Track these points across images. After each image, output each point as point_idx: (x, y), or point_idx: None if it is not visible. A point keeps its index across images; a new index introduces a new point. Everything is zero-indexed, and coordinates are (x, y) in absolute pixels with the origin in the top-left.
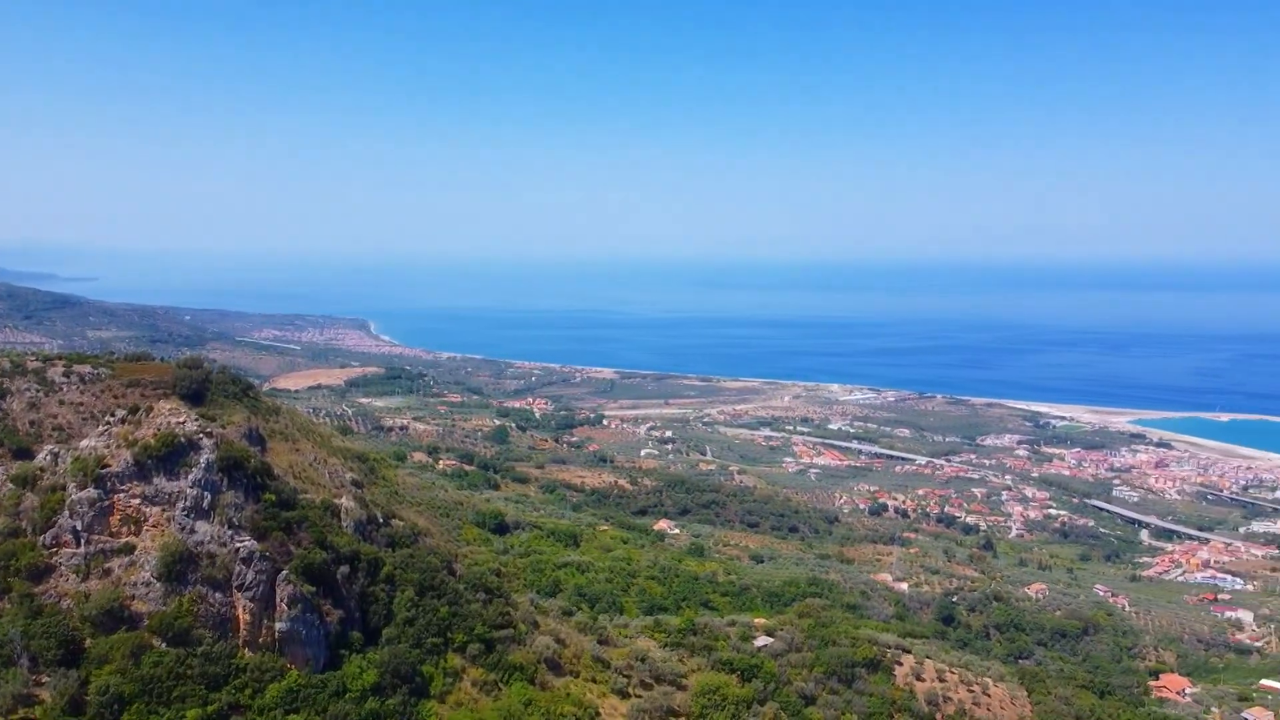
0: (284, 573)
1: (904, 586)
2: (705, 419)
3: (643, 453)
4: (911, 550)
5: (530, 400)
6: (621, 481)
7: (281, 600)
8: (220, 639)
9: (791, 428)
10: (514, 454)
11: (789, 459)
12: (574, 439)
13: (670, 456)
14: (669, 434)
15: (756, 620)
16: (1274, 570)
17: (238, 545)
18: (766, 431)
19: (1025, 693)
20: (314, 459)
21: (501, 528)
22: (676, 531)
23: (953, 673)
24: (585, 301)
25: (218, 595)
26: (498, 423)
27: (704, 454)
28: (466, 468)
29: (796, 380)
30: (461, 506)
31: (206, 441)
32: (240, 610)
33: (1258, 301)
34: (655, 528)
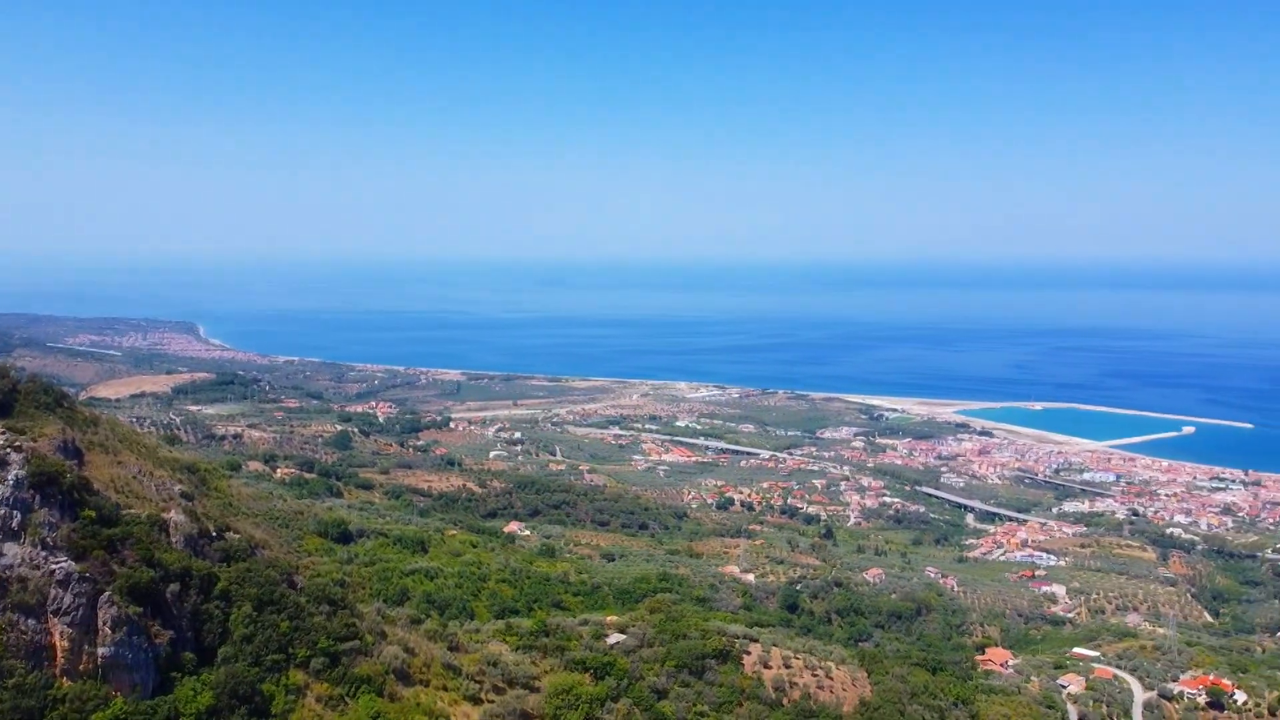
0: (106, 594)
1: (751, 577)
2: (554, 419)
3: (491, 455)
4: (757, 542)
5: (374, 404)
6: (470, 484)
7: (104, 623)
8: (35, 669)
9: (640, 426)
10: (357, 460)
11: (638, 457)
12: (420, 443)
13: (520, 458)
14: (518, 435)
15: (608, 618)
16: (1083, 547)
17: (53, 567)
18: (616, 430)
19: (865, 674)
20: (138, 471)
21: (345, 536)
22: (527, 533)
23: (798, 658)
24: (431, 303)
25: (31, 622)
26: (339, 428)
27: (554, 454)
28: (306, 476)
29: (645, 379)
30: (302, 516)
31: (15, 456)
32: (57, 637)
33: (1065, 299)
34: (506, 530)
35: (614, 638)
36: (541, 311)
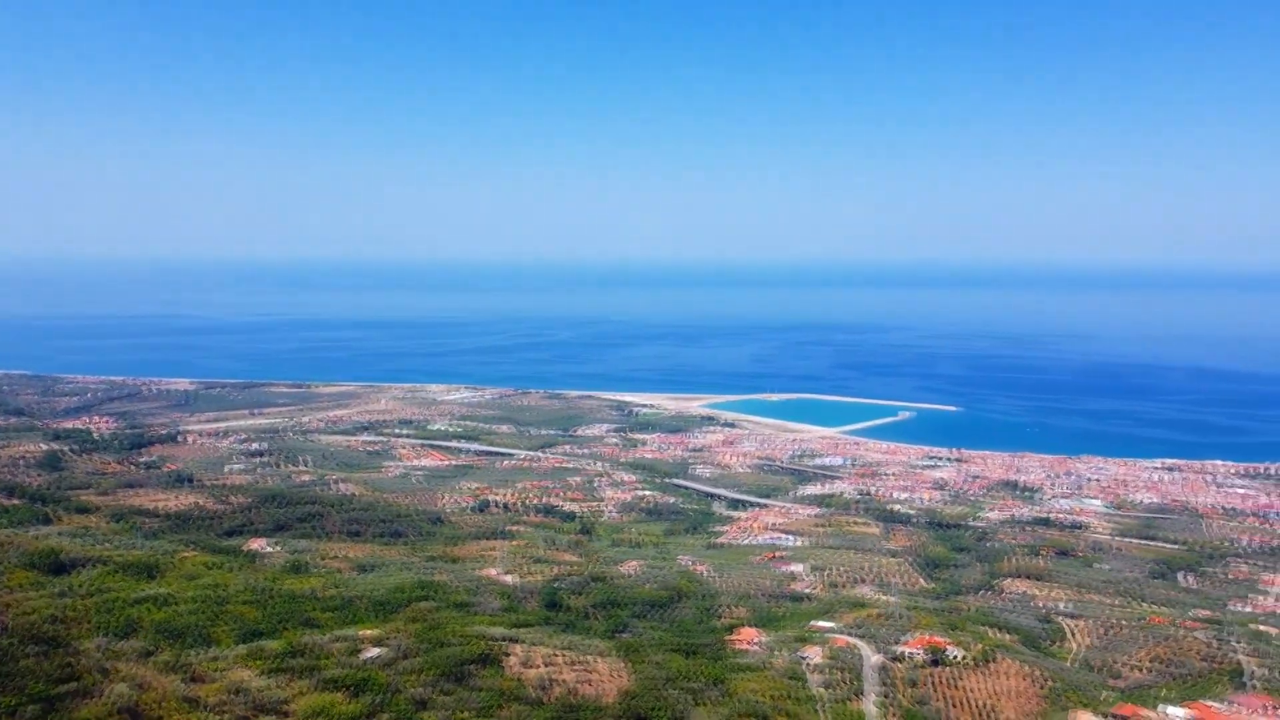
0: None
1: (511, 579)
2: (300, 427)
3: (230, 468)
4: (517, 543)
5: (91, 419)
6: (206, 501)
7: None
8: None
9: (393, 431)
10: (72, 481)
11: (391, 463)
12: (148, 459)
13: (262, 470)
14: (260, 446)
15: (364, 632)
16: (820, 526)
17: None
18: (367, 436)
19: (626, 664)
20: None
21: (59, 567)
22: (273, 549)
23: (560, 655)
24: (159, 306)
25: None
26: (48, 447)
27: (300, 464)
28: (8, 502)
29: (397, 382)
30: (5, 548)
31: None
32: None
33: (800, 297)
34: (248, 548)
35: (371, 651)
36: (286, 314)
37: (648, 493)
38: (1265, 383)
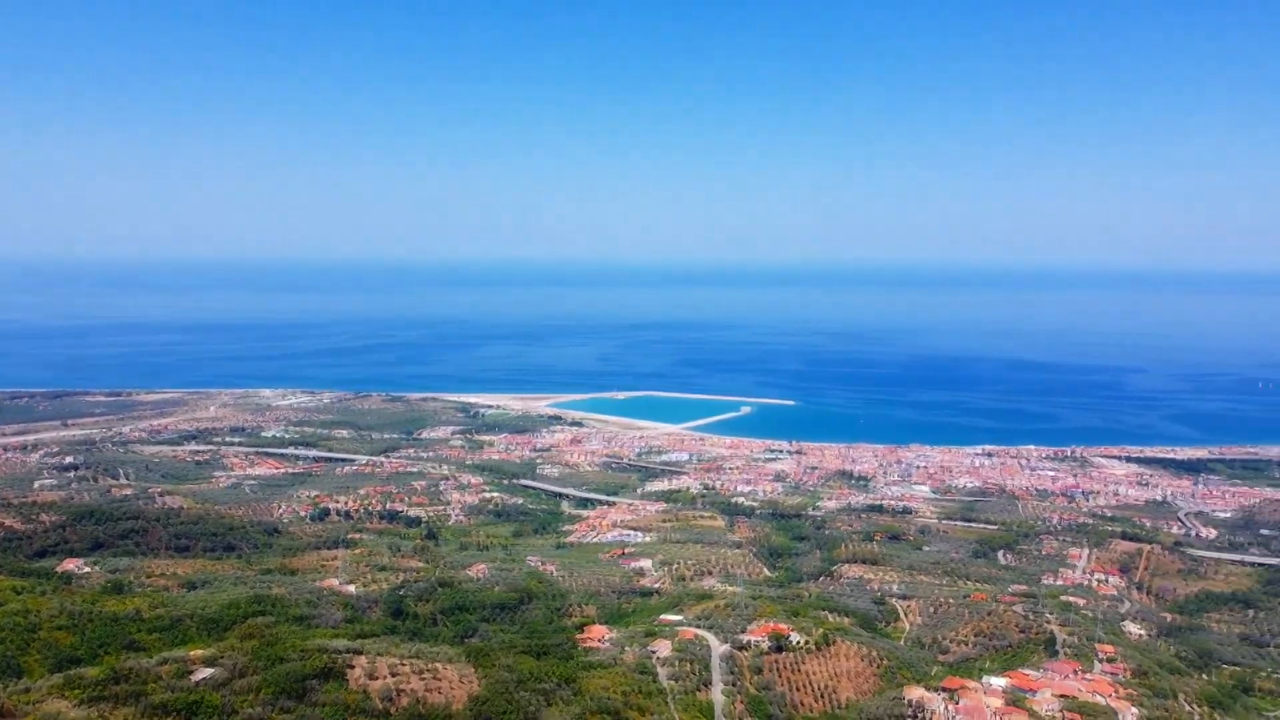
0: None
1: (353, 588)
2: (119, 438)
3: (38, 484)
4: (358, 551)
5: None
6: (12, 521)
7: None
8: None
9: (222, 439)
10: None
11: (221, 473)
12: None
13: (76, 485)
14: (72, 459)
15: (194, 652)
16: (665, 521)
17: None
18: (194, 445)
19: (474, 669)
20: None
21: None
22: (89, 570)
23: (406, 664)
24: None
25: None
26: None
27: (119, 478)
28: None
29: (226, 388)
30: None
31: None
32: None
33: (643, 295)
34: (61, 569)
35: (201, 673)
36: (104, 317)
37: (494, 494)
38: (1071, 372)
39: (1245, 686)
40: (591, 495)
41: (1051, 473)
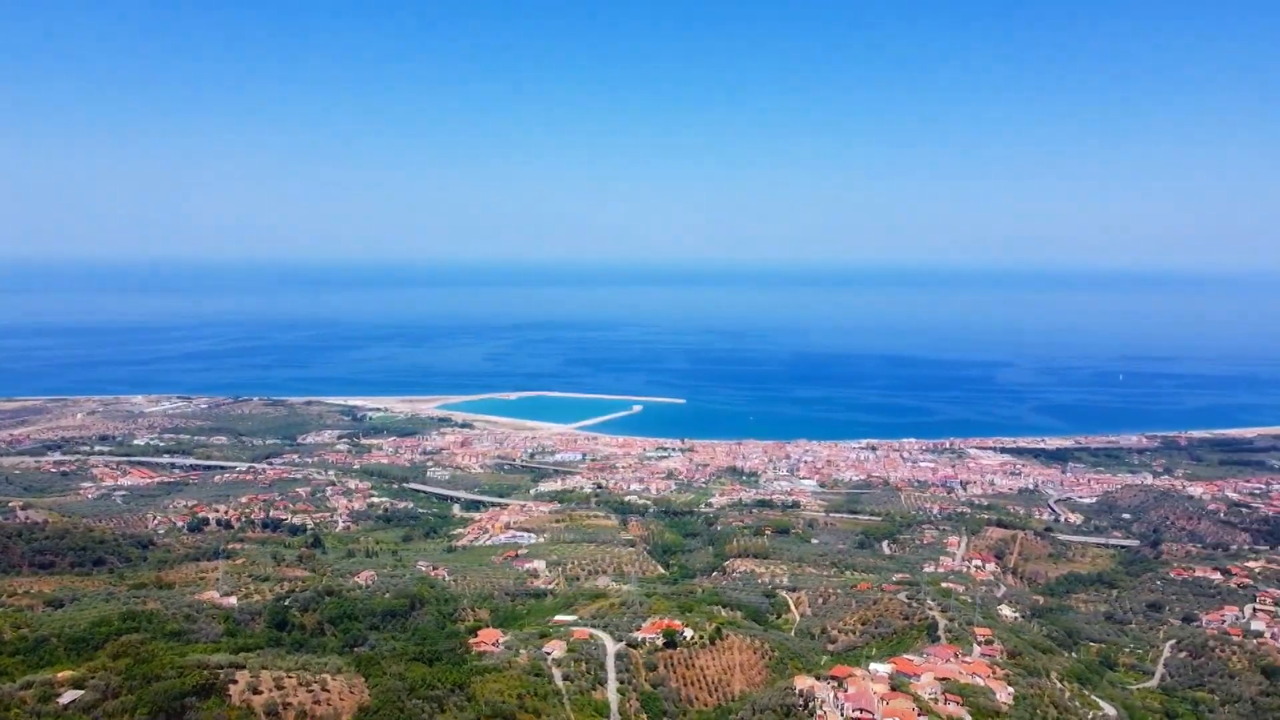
0: None
1: (233, 600)
2: None
3: None
4: (238, 561)
5: None
6: None
7: None
8: None
9: (89, 448)
10: None
11: (88, 484)
12: None
13: None
14: None
15: (60, 674)
16: (558, 522)
17: None
18: (56, 455)
19: (362, 678)
20: None
21: None
22: None
23: (290, 677)
24: None
25: None
26: None
27: None
28: None
29: (91, 395)
30: None
31: None
32: None
33: (529, 295)
34: None
35: (69, 695)
36: None
37: (382, 499)
38: (946, 368)
39: (1109, 662)
40: (482, 498)
41: (930, 464)
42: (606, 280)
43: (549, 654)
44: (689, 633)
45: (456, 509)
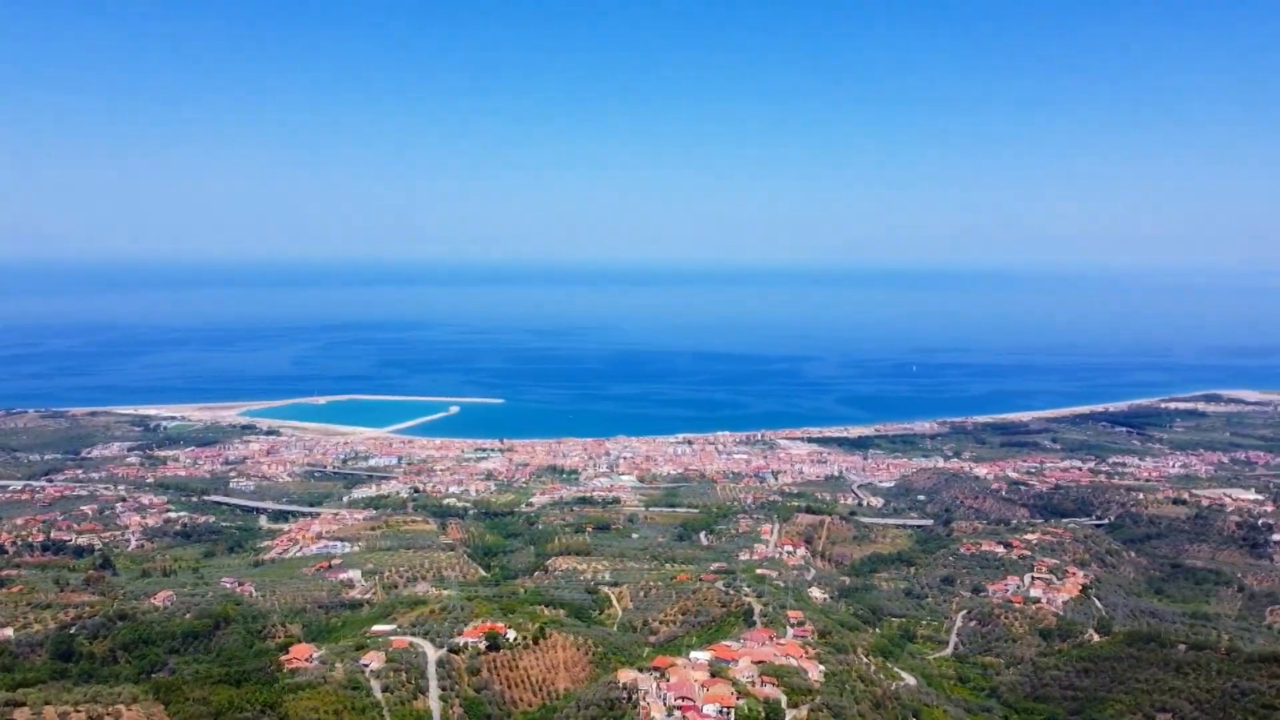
0: None
1: (10, 632)
2: None
3: None
4: (15, 589)
5: None
6: None
7: None
8: None
9: None
10: None
11: None
12: None
13: None
14: None
15: None
16: (373, 529)
17: None
18: None
19: (161, 706)
20: None
21: None
22: None
23: (78, 711)
24: None
25: None
26: None
27: None
28: None
29: None
30: None
31: None
32: None
33: (335, 295)
34: None
35: None
36: None
37: (180, 514)
38: (756, 362)
39: (909, 635)
40: (292, 507)
41: (743, 456)
42: (423, 280)
43: (367, 666)
44: (512, 634)
45: (264, 520)
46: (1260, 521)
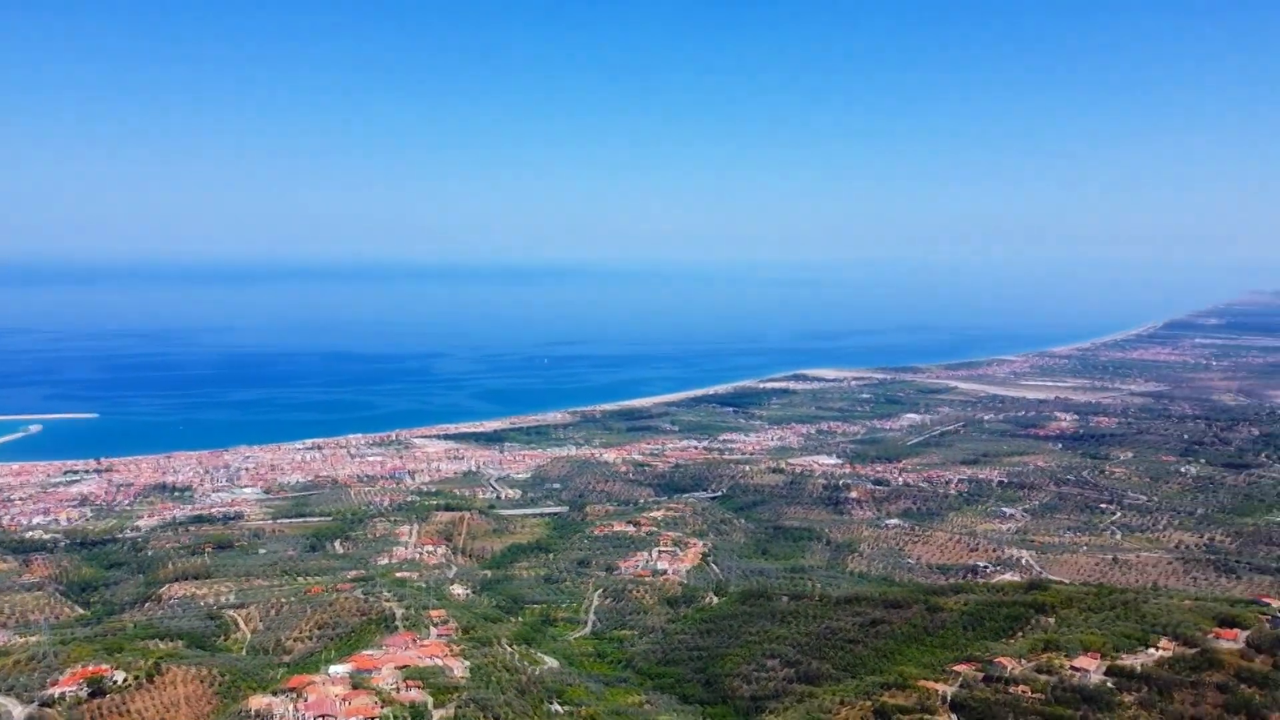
0: None
1: None
2: None
3: None
4: None
5: None
6: None
7: None
8: None
9: None
10: None
11: None
12: None
13: None
14: None
15: None
16: None
17: None
18: None
19: None
20: None
21: None
22: None
23: None
24: None
25: None
26: None
27: None
28: None
29: None
30: None
31: None
32: None
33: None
34: None
35: None
36: None
37: None
38: (385, 361)
39: (549, 620)
40: None
41: (377, 458)
42: None
43: None
44: (120, 675)
45: None
46: (840, 482)
